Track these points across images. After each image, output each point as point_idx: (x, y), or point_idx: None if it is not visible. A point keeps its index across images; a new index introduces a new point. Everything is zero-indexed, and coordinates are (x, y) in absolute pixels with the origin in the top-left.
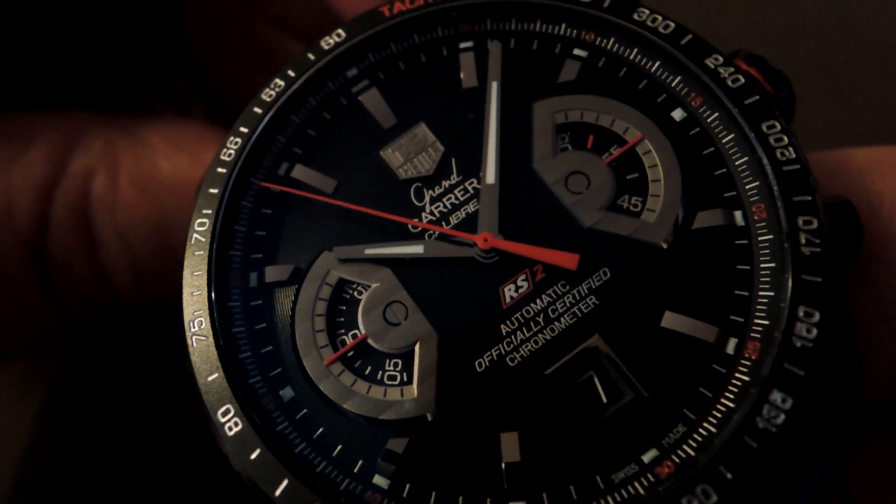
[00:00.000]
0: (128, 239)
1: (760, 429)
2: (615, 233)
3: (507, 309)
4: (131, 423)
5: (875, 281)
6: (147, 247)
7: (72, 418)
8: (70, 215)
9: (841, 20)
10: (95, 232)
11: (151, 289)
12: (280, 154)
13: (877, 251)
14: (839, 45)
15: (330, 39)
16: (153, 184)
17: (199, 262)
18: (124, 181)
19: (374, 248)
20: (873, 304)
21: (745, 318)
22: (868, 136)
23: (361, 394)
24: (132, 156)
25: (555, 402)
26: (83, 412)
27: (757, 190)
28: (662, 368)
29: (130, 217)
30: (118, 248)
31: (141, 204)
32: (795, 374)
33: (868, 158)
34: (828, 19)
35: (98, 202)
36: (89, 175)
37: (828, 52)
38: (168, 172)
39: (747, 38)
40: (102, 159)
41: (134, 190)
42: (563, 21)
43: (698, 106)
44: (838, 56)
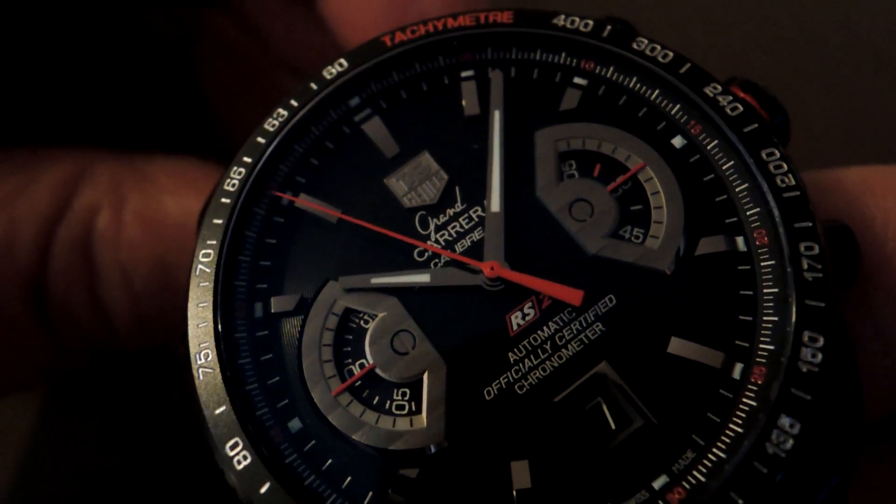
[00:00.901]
0: (129, 276)
1: (770, 454)
2: (620, 259)
3: (514, 337)
4: (131, 423)
5: (870, 304)
6: (148, 284)
7: (72, 419)
8: (72, 250)
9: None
10: (97, 268)
11: (150, 329)
12: (283, 183)
13: (871, 275)
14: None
15: (332, 69)
16: (158, 221)
17: (204, 294)
18: (129, 217)
19: (380, 278)
20: (869, 327)
21: (749, 343)
22: (868, 138)
23: (370, 424)
24: (138, 192)
25: (564, 430)
26: (83, 412)
27: (758, 216)
28: (670, 394)
29: (133, 254)
30: (119, 284)
31: (145, 241)
32: (802, 399)
33: (860, 179)
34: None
35: (101, 238)
36: (94, 210)
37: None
38: (173, 210)
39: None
40: (108, 195)
41: (138, 227)
42: (563, 50)
43: (698, 133)
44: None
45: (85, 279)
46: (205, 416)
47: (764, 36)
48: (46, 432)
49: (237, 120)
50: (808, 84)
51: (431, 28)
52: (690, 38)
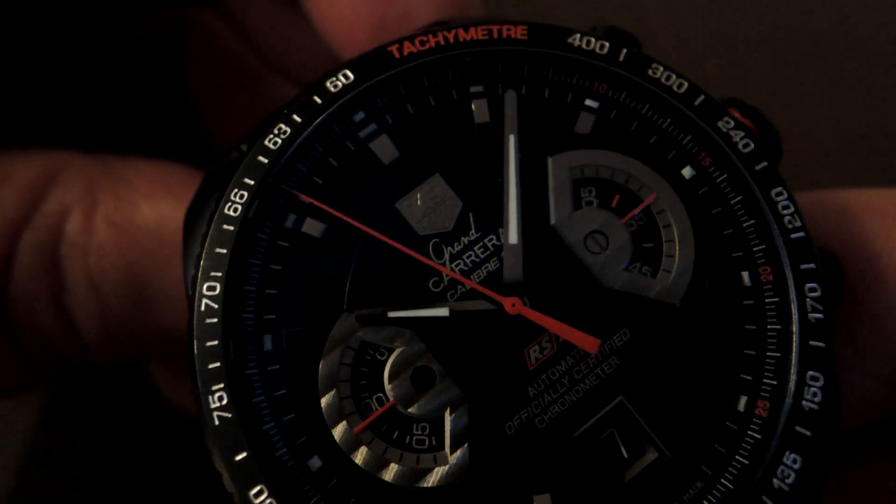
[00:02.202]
0: (98, 284)
1: (776, 488)
2: (634, 293)
3: (533, 371)
4: (131, 424)
5: (852, 327)
6: (119, 294)
7: (72, 419)
8: (38, 256)
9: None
10: (64, 275)
11: (120, 343)
12: (289, 206)
13: (853, 298)
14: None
15: (336, 81)
16: (131, 227)
17: (212, 331)
18: (100, 222)
19: (398, 311)
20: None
21: (753, 377)
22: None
23: (394, 462)
24: (112, 196)
25: (584, 464)
26: (83, 413)
27: (762, 253)
28: (680, 427)
29: (103, 261)
30: (87, 293)
31: (116, 247)
32: (805, 436)
33: (844, 202)
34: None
35: (70, 243)
36: (64, 214)
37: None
38: (149, 216)
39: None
40: (80, 199)
41: (110, 232)
42: (577, 72)
43: (708, 166)
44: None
45: (51, 286)
46: (223, 463)
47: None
48: (46, 432)
49: (224, 126)
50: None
51: (442, 40)
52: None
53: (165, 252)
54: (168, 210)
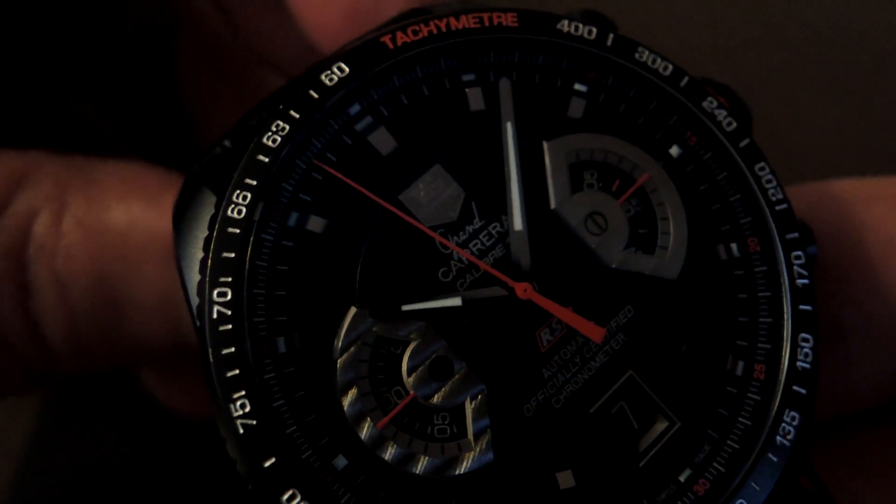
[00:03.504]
0: (67, 288)
1: (779, 445)
2: (635, 271)
3: (545, 353)
4: (132, 423)
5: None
6: (88, 298)
7: (72, 419)
8: (3, 259)
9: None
10: (30, 278)
11: (89, 350)
12: (290, 205)
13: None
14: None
15: (332, 74)
16: (102, 229)
17: (227, 338)
18: (70, 224)
19: (411, 304)
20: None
21: (748, 343)
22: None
23: (420, 454)
24: (83, 198)
25: (600, 438)
26: (83, 412)
27: (749, 224)
28: (687, 394)
29: (72, 264)
30: (55, 297)
31: (86, 250)
32: (801, 394)
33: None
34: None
35: (37, 246)
36: (32, 216)
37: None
38: (120, 218)
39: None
40: (49, 200)
41: (80, 234)
42: (567, 58)
43: (694, 144)
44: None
45: (16, 290)
46: (251, 471)
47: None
48: (46, 432)
49: (211, 116)
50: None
51: (434, 29)
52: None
53: (136, 256)
54: (140, 212)
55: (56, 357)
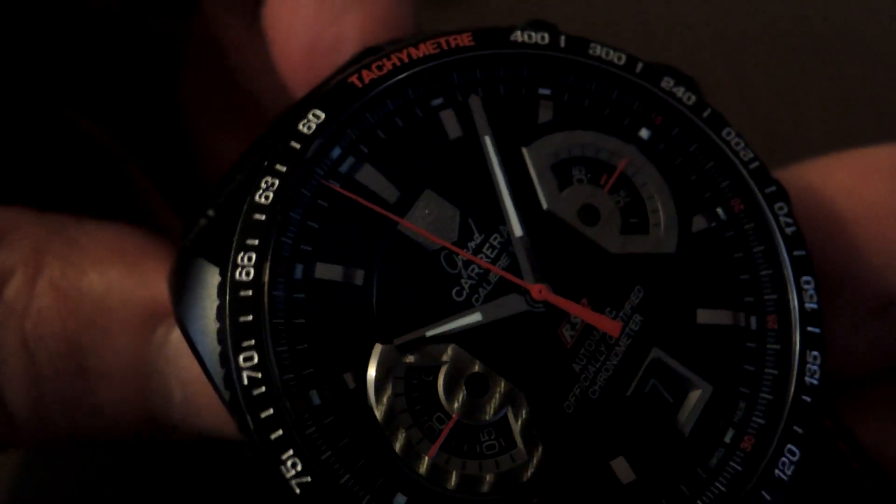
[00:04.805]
0: (34, 353)
1: (808, 385)
2: (636, 252)
3: (571, 348)
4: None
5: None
6: (56, 365)
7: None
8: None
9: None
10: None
11: (52, 418)
12: (293, 257)
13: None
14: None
15: (308, 122)
16: (76, 294)
17: (263, 401)
18: (43, 286)
19: (435, 329)
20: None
21: (755, 297)
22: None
23: (477, 474)
24: (60, 260)
25: (642, 418)
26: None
27: (728, 187)
28: (712, 359)
29: (42, 328)
30: (20, 362)
31: (58, 315)
32: (816, 333)
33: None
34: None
35: (7, 308)
36: (4, 277)
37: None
38: (96, 284)
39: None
40: (25, 261)
41: (53, 298)
42: (525, 65)
43: (660, 123)
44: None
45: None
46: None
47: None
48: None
49: (216, 143)
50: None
51: (397, 62)
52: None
53: (109, 324)
54: (117, 279)
55: (15, 424)
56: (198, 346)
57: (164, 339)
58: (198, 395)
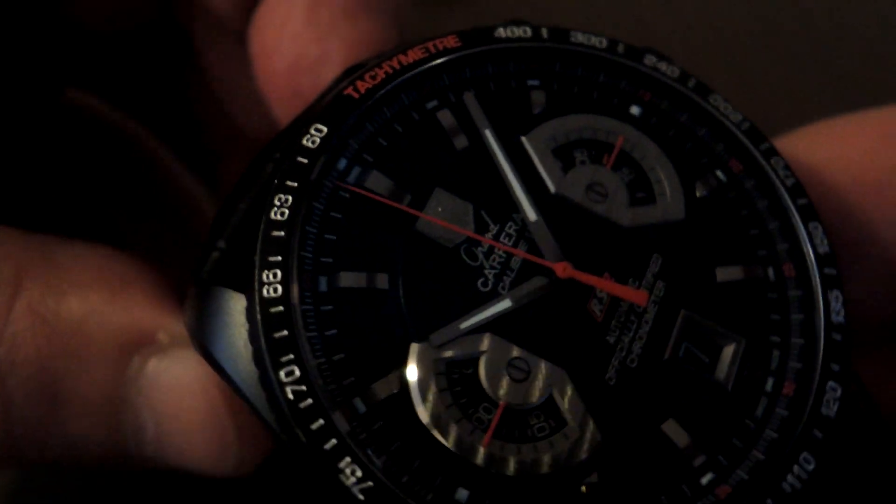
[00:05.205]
0: (4, 378)
1: (836, 323)
2: (649, 223)
3: (603, 322)
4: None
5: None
6: (27, 391)
7: None
8: None
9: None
10: None
11: (20, 445)
12: (316, 270)
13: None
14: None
15: (313, 137)
16: (55, 319)
17: (311, 413)
18: (21, 310)
19: (468, 320)
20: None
21: (768, 249)
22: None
23: (534, 456)
24: (40, 283)
25: (683, 379)
26: None
27: (723, 150)
28: (738, 313)
29: (15, 353)
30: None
31: (33, 339)
32: (833, 274)
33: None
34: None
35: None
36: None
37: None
38: (76, 309)
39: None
40: (4, 283)
41: (29, 322)
42: (512, 60)
43: (649, 99)
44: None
45: None
46: None
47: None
48: None
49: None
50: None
51: (389, 69)
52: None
53: (86, 351)
54: (97, 304)
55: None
56: (232, 375)
57: (140, 371)
58: (171, 430)
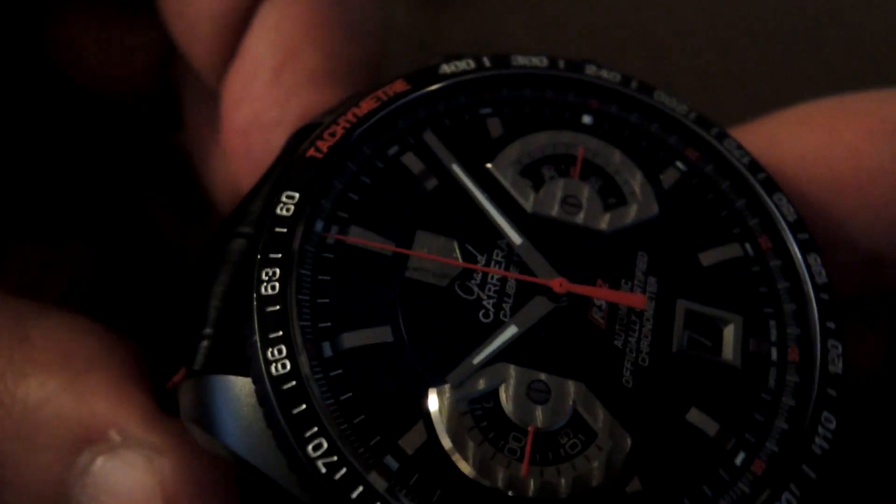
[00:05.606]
0: None
1: (821, 284)
2: (627, 223)
3: (607, 328)
4: None
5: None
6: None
7: None
8: None
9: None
10: None
11: None
12: (317, 337)
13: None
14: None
15: (287, 205)
16: (10, 400)
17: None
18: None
19: (480, 355)
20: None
21: (741, 228)
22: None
23: (575, 475)
24: (4, 359)
25: (695, 366)
26: None
27: (676, 143)
28: (729, 292)
29: None
30: None
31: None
32: (806, 238)
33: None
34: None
35: None
36: None
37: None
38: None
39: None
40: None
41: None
42: (461, 93)
43: (596, 107)
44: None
45: None
46: None
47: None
48: None
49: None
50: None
51: (346, 124)
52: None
53: (37, 439)
54: (55, 391)
55: None
56: (253, 462)
57: (87, 468)
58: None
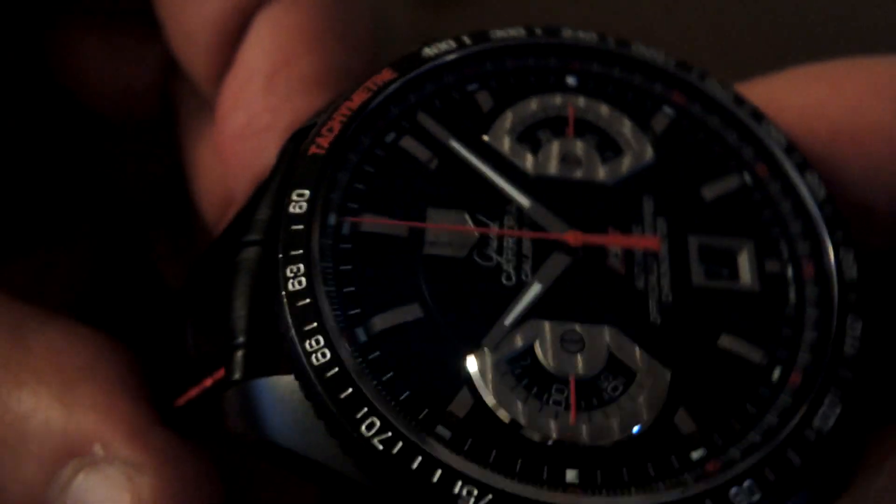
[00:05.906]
0: None
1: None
2: (626, 172)
3: (626, 273)
4: None
5: None
6: None
7: None
8: None
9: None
10: None
11: None
12: (349, 325)
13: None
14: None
15: (300, 202)
16: (2, 408)
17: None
18: None
19: (510, 315)
20: None
21: (736, 159)
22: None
23: (623, 412)
24: (1, 366)
25: (717, 296)
26: None
27: (662, 88)
28: (736, 220)
29: None
30: None
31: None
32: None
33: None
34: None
35: None
36: None
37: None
38: (24, 402)
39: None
40: None
41: None
42: (445, 73)
43: (579, 68)
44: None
45: None
46: None
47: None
48: None
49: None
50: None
51: (342, 118)
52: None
53: (21, 449)
54: (45, 402)
55: None
56: (311, 455)
57: (69, 482)
58: None
